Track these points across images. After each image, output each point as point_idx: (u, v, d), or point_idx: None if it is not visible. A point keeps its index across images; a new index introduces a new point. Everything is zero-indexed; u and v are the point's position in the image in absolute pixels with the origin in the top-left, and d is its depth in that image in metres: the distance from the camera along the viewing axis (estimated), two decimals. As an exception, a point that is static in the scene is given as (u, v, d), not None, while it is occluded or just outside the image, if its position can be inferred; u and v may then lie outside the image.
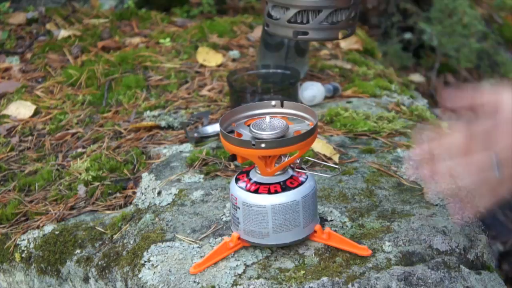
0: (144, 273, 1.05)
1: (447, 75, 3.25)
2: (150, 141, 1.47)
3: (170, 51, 1.91)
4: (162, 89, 1.71)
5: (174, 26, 2.15)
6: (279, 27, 1.04)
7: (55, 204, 1.32)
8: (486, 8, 3.63)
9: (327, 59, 1.87)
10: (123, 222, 1.21)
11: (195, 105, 1.61)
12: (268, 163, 1.00)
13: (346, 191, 1.19)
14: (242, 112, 1.06)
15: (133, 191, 1.31)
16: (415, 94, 1.82)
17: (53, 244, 1.21)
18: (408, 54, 3.18)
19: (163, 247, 1.09)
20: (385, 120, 1.45)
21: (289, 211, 1.00)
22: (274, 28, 1.06)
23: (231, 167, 1.31)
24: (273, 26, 1.06)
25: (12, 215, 1.31)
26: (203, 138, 1.43)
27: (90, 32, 2.07)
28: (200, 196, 1.21)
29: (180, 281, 1.01)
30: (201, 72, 1.78)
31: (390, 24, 3.13)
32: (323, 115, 1.48)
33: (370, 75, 1.76)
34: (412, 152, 0.95)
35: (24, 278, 1.24)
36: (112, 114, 1.63)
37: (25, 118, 1.66)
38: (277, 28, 1.05)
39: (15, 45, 2.05)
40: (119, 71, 1.80)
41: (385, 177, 1.23)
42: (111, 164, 1.39)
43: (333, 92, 1.60)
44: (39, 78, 1.85)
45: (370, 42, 2.17)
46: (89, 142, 1.52)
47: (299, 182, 1.02)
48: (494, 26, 3.50)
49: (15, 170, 1.47)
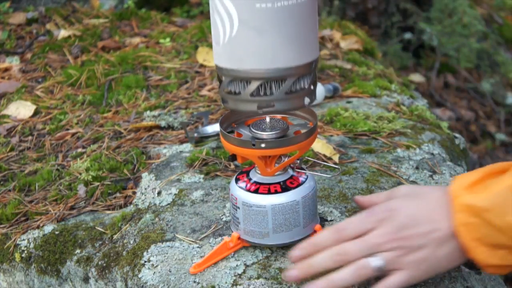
0: (144, 273, 1.05)
1: (447, 75, 3.25)
2: (150, 141, 1.47)
3: (170, 51, 1.91)
4: (162, 89, 1.71)
5: (174, 26, 2.15)
6: (240, 102, 0.95)
7: (55, 204, 1.32)
8: (486, 8, 3.63)
9: (327, 59, 1.87)
10: (123, 222, 1.21)
11: (195, 105, 1.61)
12: (268, 163, 1.00)
13: (346, 191, 1.19)
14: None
15: (133, 191, 1.31)
16: (415, 94, 1.82)
17: (53, 244, 1.21)
18: (408, 54, 3.18)
19: (163, 247, 1.09)
20: (385, 120, 1.45)
21: (289, 211, 1.00)
22: (234, 103, 0.95)
23: (231, 167, 1.31)
24: (233, 101, 0.95)
25: (12, 215, 1.31)
26: (203, 138, 1.43)
27: (90, 32, 2.07)
28: (200, 196, 1.21)
29: (180, 281, 1.01)
30: (201, 72, 1.78)
31: (390, 24, 3.13)
32: (323, 115, 1.48)
33: (370, 75, 1.76)
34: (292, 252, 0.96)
35: (24, 278, 1.24)
36: (112, 114, 1.63)
37: (25, 118, 1.66)
38: (238, 104, 0.95)
39: (15, 45, 2.05)
40: (119, 71, 1.80)
41: (385, 177, 1.23)
42: (111, 164, 1.39)
43: (333, 92, 1.60)
44: (39, 78, 1.86)
45: (370, 42, 2.17)
46: (89, 142, 1.52)
47: (299, 182, 1.02)
48: (494, 26, 3.50)
49: (15, 170, 1.47)
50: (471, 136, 3.02)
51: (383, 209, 0.94)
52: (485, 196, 0.88)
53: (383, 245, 0.91)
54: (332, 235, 0.94)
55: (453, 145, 1.45)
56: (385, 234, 0.92)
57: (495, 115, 3.15)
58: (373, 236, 0.92)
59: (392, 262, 0.91)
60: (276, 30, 0.90)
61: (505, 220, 0.86)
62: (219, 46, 0.94)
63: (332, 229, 0.94)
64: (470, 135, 3.02)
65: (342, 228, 0.94)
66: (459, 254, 0.91)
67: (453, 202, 0.90)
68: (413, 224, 0.92)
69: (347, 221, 0.95)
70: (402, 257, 0.91)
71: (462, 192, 0.90)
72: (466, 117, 3.07)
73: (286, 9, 0.90)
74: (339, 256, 0.92)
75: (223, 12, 0.91)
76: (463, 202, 0.89)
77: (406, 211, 0.93)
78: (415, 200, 0.95)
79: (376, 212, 0.94)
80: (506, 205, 0.86)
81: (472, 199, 0.88)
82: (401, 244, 0.91)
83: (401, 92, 1.69)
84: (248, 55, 0.92)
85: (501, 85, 3.23)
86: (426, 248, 0.91)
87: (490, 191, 0.88)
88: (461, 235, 0.89)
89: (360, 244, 0.92)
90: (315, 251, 0.94)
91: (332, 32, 2.09)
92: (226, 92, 0.96)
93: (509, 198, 0.86)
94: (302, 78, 0.95)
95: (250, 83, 0.93)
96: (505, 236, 0.86)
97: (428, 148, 1.34)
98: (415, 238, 0.91)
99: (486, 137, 3.04)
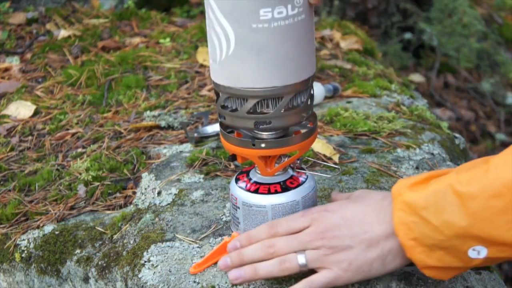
0: (144, 273, 1.05)
1: (447, 75, 3.25)
2: (150, 141, 1.47)
3: (170, 51, 1.91)
4: (162, 89, 1.71)
5: (174, 26, 2.15)
6: (237, 119, 0.95)
7: (55, 204, 1.32)
8: (486, 8, 3.63)
9: (327, 59, 1.87)
10: (123, 222, 1.21)
11: (195, 105, 1.61)
12: (268, 163, 1.00)
13: (346, 191, 1.19)
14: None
15: (133, 191, 1.31)
16: (415, 94, 1.82)
17: (53, 244, 1.21)
18: (408, 54, 3.18)
19: (163, 247, 1.09)
20: (385, 120, 1.45)
21: (289, 211, 1.00)
22: (231, 120, 0.96)
23: (231, 167, 1.31)
24: (230, 118, 0.96)
25: (12, 215, 1.31)
26: (203, 138, 1.43)
27: (90, 32, 2.07)
28: (200, 196, 1.21)
29: (180, 281, 1.01)
30: (201, 72, 1.78)
31: (390, 24, 3.14)
32: (323, 115, 1.48)
33: (370, 75, 1.76)
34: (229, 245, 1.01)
35: (24, 278, 1.24)
36: (112, 114, 1.63)
37: (25, 118, 1.66)
38: (235, 120, 0.96)
39: (15, 45, 2.05)
40: (119, 71, 1.80)
41: (385, 177, 1.23)
42: (111, 164, 1.39)
43: (333, 92, 1.60)
44: (39, 78, 1.86)
45: (370, 42, 2.17)
46: (89, 142, 1.52)
47: (299, 182, 1.02)
48: (494, 26, 3.50)
49: (15, 170, 1.47)
50: (471, 136, 3.02)
51: (318, 209, 0.96)
52: (424, 193, 0.87)
53: (310, 243, 0.93)
54: (267, 229, 0.97)
55: (453, 145, 1.45)
56: (313, 232, 0.93)
57: (495, 115, 3.16)
58: (303, 233, 0.94)
59: (315, 260, 0.93)
60: (273, 50, 0.90)
61: (442, 218, 0.85)
62: (215, 63, 0.94)
63: (268, 224, 0.98)
64: (470, 135, 3.02)
65: (277, 224, 0.97)
66: (399, 255, 0.91)
67: (394, 201, 0.90)
68: (344, 226, 0.93)
69: (283, 218, 0.98)
70: (327, 256, 0.92)
71: (404, 191, 0.89)
72: (466, 117, 3.07)
73: (283, 29, 0.90)
74: (269, 249, 0.95)
75: (220, 31, 0.91)
76: (403, 200, 0.88)
77: (340, 213, 0.94)
78: (355, 203, 0.96)
79: (311, 212, 0.96)
80: (443, 203, 0.85)
81: (411, 196, 0.88)
82: (326, 243, 0.92)
83: (401, 92, 1.69)
84: (245, 74, 0.92)
85: (501, 85, 3.23)
86: (354, 249, 0.91)
87: (429, 189, 0.87)
88: (399, 234, 0.88)
89: (289, 239, 0.95)
90: (250, 243, 0.97)
91: (332, 32, 2.09)
92: (222, 107, 0.97)
93: (447, 196, 0.85)
94: (299, 95, 0.95)
95: (247, 101, 0.94)
96: (442, 236, 0.85)
97: (428, 148, 1.34)
98: (343, 239, 0.92)
99: (486, 137, 3.04)
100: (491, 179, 0.83)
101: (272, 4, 0.88)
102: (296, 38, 0.92)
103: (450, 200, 0.85)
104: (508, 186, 0.82)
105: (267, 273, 0.94)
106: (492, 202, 0.83)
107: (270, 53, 0.90)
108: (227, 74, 0.93)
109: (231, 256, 0.98)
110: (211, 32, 0.93)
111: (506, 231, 0.83)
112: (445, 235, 0.85)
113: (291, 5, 0.89)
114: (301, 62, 0.93)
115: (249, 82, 0.92)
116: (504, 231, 0.83)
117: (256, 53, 0.90)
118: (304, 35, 0.92)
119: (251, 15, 0.89)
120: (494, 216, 0.83)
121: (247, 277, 0.95)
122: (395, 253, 0.91)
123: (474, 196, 0.84)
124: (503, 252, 0.85)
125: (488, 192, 0.83)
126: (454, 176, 0.86)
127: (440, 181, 0.87)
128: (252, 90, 0.93)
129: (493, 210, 0.83)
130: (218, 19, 0.90)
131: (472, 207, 0.83)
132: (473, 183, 0.84)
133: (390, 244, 0.91)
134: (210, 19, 0.92)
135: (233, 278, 0.96)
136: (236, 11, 0.89)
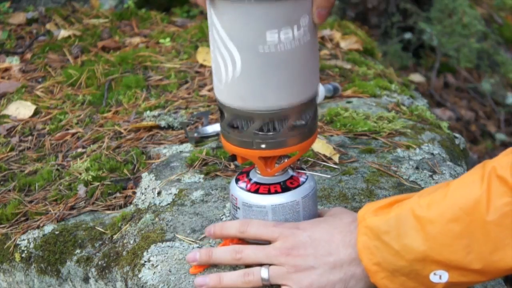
0: (144, 273, 1.05)
1: (447, 75, 3.25)
2: (150, 141, 1.47)
3: (170, 51, 1.91)
4: (162, 89, 1.71)
5: (174, 26, 2.15)
6: (242, 137, 0.96)
7: (55, 204, 1.32)
8: (486, 8, 3.63)
9: (327, 59, 1.87)
10: (123, 222, 1.21)
11: (195, 105, 1.61)
12: (268, 163, 1.00)
13: (346, 191, 1.19)
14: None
15: (133, 191, 1.31)
16: (415, 94, 1.82)
17: (53, 244, 1.21)
18: (408, 54, 3.18)
19: (163, 247, 1.09)
20: (385, 120, 1.45)
21: (289, 211, 1.00)
22: (236, 140, 0.97)
23: (231, 167, 1.31)
24: (235, 136, 0.97)
25: (12, 215, 1.31)
26: (203, 138, 1.43)
27: (90, 32, 2.07)
28: (200, 196, 1.21)
29: (180, 281, 1.01)
30: (201, 72, 1.78)
31: (390, 24, 3.14)
32: (323, 115, 1.48)
33: (370, 75, 1.76)
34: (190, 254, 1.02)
35: (24, 278, 1.24)
36: (112, 114, 1.63)
37: (25, 118, 1.66)
38: (241, 138, 0.96)
39: (15, 45, 2.05)
40: (119, 71, 1.80)
41: (385, 177, 1.23)
42: (111, 164, 1.39)
43: (333, 92, 1.60)
44: (39, 78, 1.86)
45: (370, 42, 2.17)
46: (89, 142, 1.52)
47: (299, 182, 1.02)
48: (494, 26, 3.50)
49: (15, 170, 1.47)
50: (471, 136, 3.02)
51: (291, 225, 0.97)
52: (386, 218, 0.87)
53: (275, 257, 0.94)
54: (238, 225, 0.99)
55: (453, 145, 1.45)
56: (280, 248, 0.94)
57: (495, 115, 3.16)
58: (271, 247, 0.95)
59: (277, 277, 0.93)
60: (279, 73, 0.90)
61: (403, 242, 0.85)
62: (221, 84, 0.94)
63: (241, 221, 0.99)
64: (470, 135, 3.02)
65: (249, 223, 0.98)
66: (363, 280, 0.91)
67: (359, 225, 0.90)
68: (311, 245, 0.93)
69: (257, 221, 0.99)
70: (290, 274, 0.92)
71: (368, 215, 0.89)
72: (466, 117, 3.07)
73: (289, 52, 0.90)
74: (237, 254, 0.96)
75: (225, 52, 0.90)
76: (367, 224, 0.88)
77: (310, 232, 0.95)
78: (326, 223, 0.96)
79: (284, 226, 0.97)
80: (404, 227, 0.85)
81: (374, 221, 0.88)
82: (290, 260, 0.93)
83: (401, 92, 1.69)
84: (251, 96, 0.92)
85: (501, 85, 3.23)
86: (317, 270, 0.92)
87: (391, 213, 0.87)
88: (363, 258, 0.88)
89: (257, 250, 0.96)
90: (221, 233, 1.00)
91: (332, 32, 2.09)
92: (229, 126, 0.97)
93: (408, 221, 0.85)
94: (304, 113, 0.96)
95: (253, 121, 0.94)
96: (403, 261, 0.85)
97: (428, 148, 1.34)
98: (307, 258, 0.92)
99: (486, 137, 3.04)
100: (449, 203, 0.83)
101: (278, 26, 0.88)
102: (302, 60, 0.92)
103: (410, 225, 0.85)
104: (465, 210, 0.82)
105: (231, 283, 0.95)
106: (450, 227, 0.83)
107: (276, 75, 0.91)
108: (233, 95, 0.94)
109: (200, 252, 1.00)
110: (216, 52, 0.92)
111: (465, 256, 0.83)
112: (406, 259, 0.85)
113: (297, 25, 0.89)
114: (307, 82, 0.94)
115: (256, 104, 0.93)
116: (463, 256, 0.83)
117: (262, 76, 0.90)
118: (309, 56, 0.93)
119: (257, 38, 0.88)
120: (452, 241, 0.83)
121: (211, 284, 0.96)
122: (358, 277, 0.91)
123: (433, 221, 0.84)
124: (465, 277, 0.84)
125: (446, 216, 0.83)
126: (416, 200, 0.87)
127: (402, 205, 0.87)
128: (259, 113, 0.93)
129: (451, 234, 0.83)
130: (223, 41, 0.90)
131: (431, 231, 0.84)
132: (433, 207, 0.84)
133: (354, 269, 0.91)
134: (214, 39, 0.91)
135: (197, 284, 0.97)
136: (243, 34, 0.89)
